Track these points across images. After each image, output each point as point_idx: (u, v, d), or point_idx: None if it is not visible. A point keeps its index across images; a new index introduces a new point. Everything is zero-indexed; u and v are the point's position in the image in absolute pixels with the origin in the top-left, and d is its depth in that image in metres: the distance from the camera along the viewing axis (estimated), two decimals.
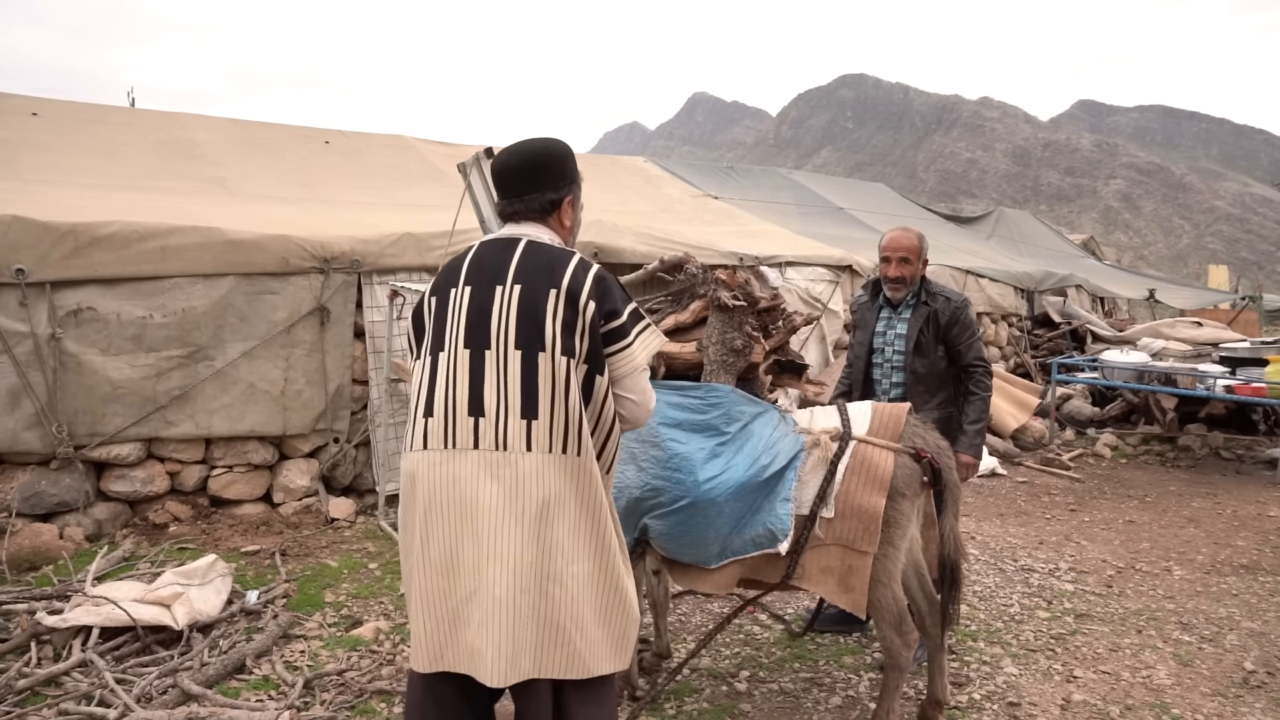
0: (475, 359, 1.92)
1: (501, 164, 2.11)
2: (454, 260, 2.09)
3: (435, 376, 1.95)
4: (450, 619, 1.88)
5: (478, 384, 1.90)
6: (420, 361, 2.03)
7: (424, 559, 1.90)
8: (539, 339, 1.91)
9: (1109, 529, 5.57)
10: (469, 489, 1.87)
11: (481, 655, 1.84)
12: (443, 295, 2.02)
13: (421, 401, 1.96)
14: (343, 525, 5.04)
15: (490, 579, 1.84)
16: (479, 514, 1.86)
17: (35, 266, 4.40)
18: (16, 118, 6.89)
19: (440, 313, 2.01)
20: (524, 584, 1.85)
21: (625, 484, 2.78)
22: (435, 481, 1.89)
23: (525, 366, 1.90)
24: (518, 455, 1.88)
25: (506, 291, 1.94)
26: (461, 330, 1.94)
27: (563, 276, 1.94)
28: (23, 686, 3.01)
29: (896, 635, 2.71)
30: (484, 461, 1.87)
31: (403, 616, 3.84)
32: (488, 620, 1.84)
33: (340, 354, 5.26)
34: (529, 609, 1.86)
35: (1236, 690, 3.35)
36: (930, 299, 3.61)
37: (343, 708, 3.03)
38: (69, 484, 4.55)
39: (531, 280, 1.94)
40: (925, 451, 2.75)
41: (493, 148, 4.26)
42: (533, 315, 1.91)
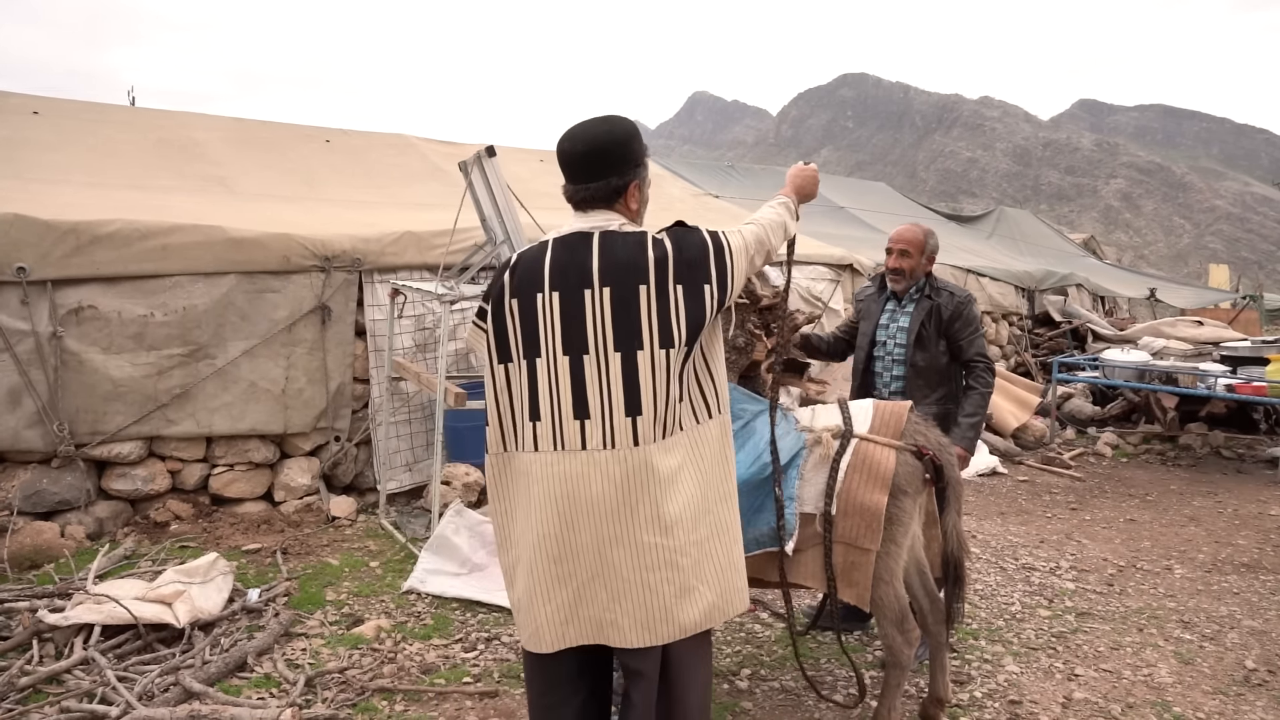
0: (575, 364, 1.98)
1: (567, 150, 2.09)
2: (529, 262, 2.06)
3: (536, 381, 2.02)
4: (571, 601, 2.02)
5: (580, 388, 1.98)
6: (512, 364, 2.06)
7: (540, 550, 2.02)
8: (636, 338, 1.97)
9: (1110, 527, 5.57)
10: (580, 485, 1.98)
11: (617, 626, 2.01)
12: (527, 299, 2.03)
13: (524, 405, 2.04)
14: (344, 524, 5.04)
15: (614, 562, 1.99)
16: (593, 507, 1.98)
17: (36, 265, 4.40)
18: (17, 116, 6.88)
19: (528, 317, 2.03)
20: (649, 562, 1.99)
21: None
22: (549, 480, 2.00)
23: (625, 367, 1.97)
24: (625, 451, 1.97)
25: (596, 295, 1.98)
26: (557, 337, 1.99)
27: (647, 269, 1.97)
28: (25, 684, 3.01)
29: (898, 633, 2.71)
30: (592, 460, 1.98)
31: (404, 615, 3.84)
32: (620, 597, 2.00)
33: (341, 352, 5.26)
34: (659, 582, 2.00)
35: (1238, 688, 3.35)
36: (934, 293, 3.62)
37: (344, 705, 3.03)
38: (70, 482, 4.55)
39: (619, 280, 1.97)
40: (927, 449, 2.75)
41: (493, 146, 4.27)
42: (626, 316, 1.97)
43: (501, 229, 4.35)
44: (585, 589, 2.02)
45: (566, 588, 2.02)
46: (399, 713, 3.03)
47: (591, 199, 2.07)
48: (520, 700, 3.13)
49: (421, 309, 5.54)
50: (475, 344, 2.17)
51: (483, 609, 3.92)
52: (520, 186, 4.84)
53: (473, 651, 3.52)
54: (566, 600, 2.02)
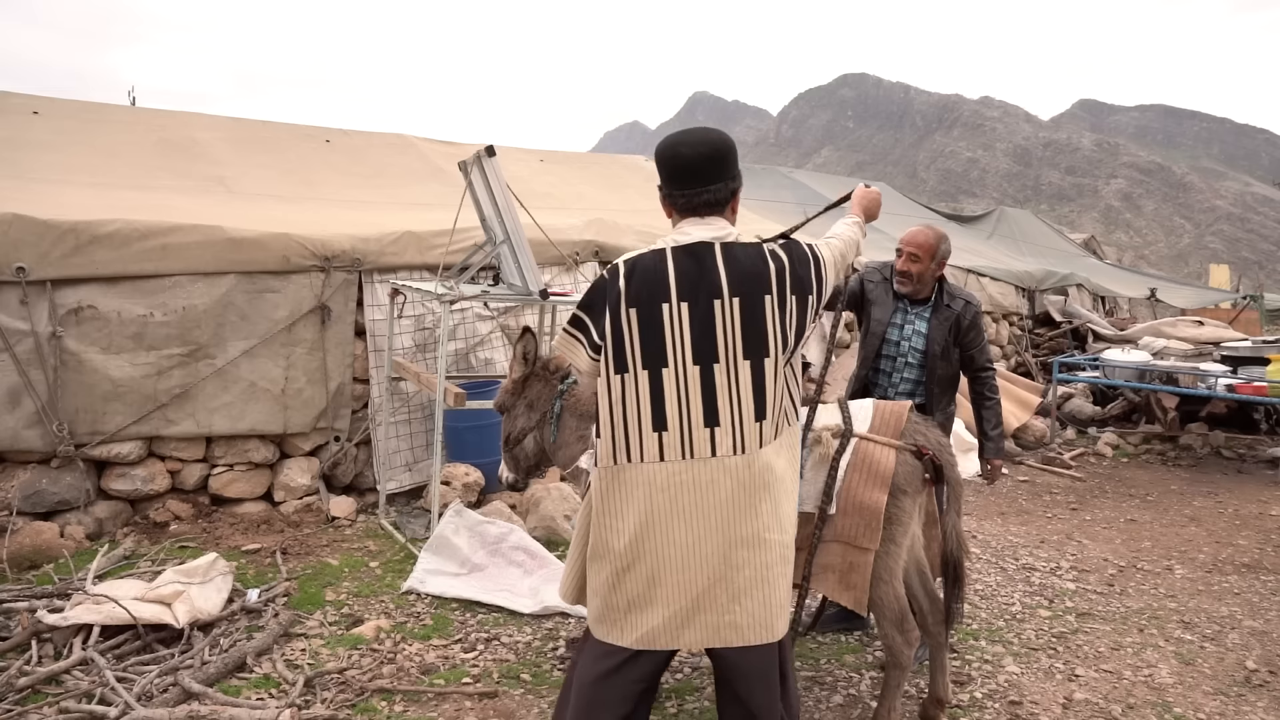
0: (705, 374, 2.03)
1: (687, 155, 2.09)
2: (648, 271, 2.05)
3: (662, 391, 2.03)
4: (690, 608, 2.06)
5: (710, 397, 2.03)
6: (628, 375, 2.05)
7: (662, 559, 2.05)
8: (763, 346, 2.05)
9: (1110, 528, 5.57)
10: (710, 492, 2.03)
11: (736, 626, 2.07)
12: (649, 310, 2.03)
13: (647, 416, 2.04)
14: (343, 524, 5.04)
15: (738, 563, 2.05)
16: (722, 511, 2.03)
17: (36, 265, 4.39)
18: (18, 116, 6.87)
19: (652, 327, 2.03)
20: (770, 559, 2.08)
21: None
22: (676, 489, 2.03)
23: (754, 374, 2.04)
24: (753, 455, 2.05)
25: (726, 305, 2.03)
26: (687, 347, 2.02)
27: (770, 281, 2.06)
28: (23, 685, 3.01)
29: (898, 633, 2.71)
30: (723, 467, 2.03)
31: (403, 615, 3.84)
32: (740, 596, 2.06)
33: (341, 352, 5.25)
34: (777, 578, 2.10)
35: (1238, 689, 3.35)
36: (951, 301, 3.60)
37: (344, 706, 3.03)
38: (69, 482, 4.55)
39: (747, 290, 2.04)
40: (927, 449, 2.74)
41: (493, 146, 4.26)
42: (755, 325, 2.04)
43: (501, 229, 4.35)
44: (706, 595, 2.06)
45: (687, 595, 2.06)
46: (398, 713, 3.02)
47: (712, 202, 2.10)
48: (520, 701, 3.13)
49: (421, 309, 5.53)
50: (568, 351, 2.15)
51: (482, 609, 3.92)
52: (520, 186, 4.84)
53: (472, 652, 3.52)
54: (685, 607, 2.06)
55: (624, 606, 2.12)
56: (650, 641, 2.10)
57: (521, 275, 4.36)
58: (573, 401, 3.22)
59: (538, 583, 4.13)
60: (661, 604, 2.07)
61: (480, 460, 5.35)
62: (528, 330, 3.23)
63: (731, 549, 2.05)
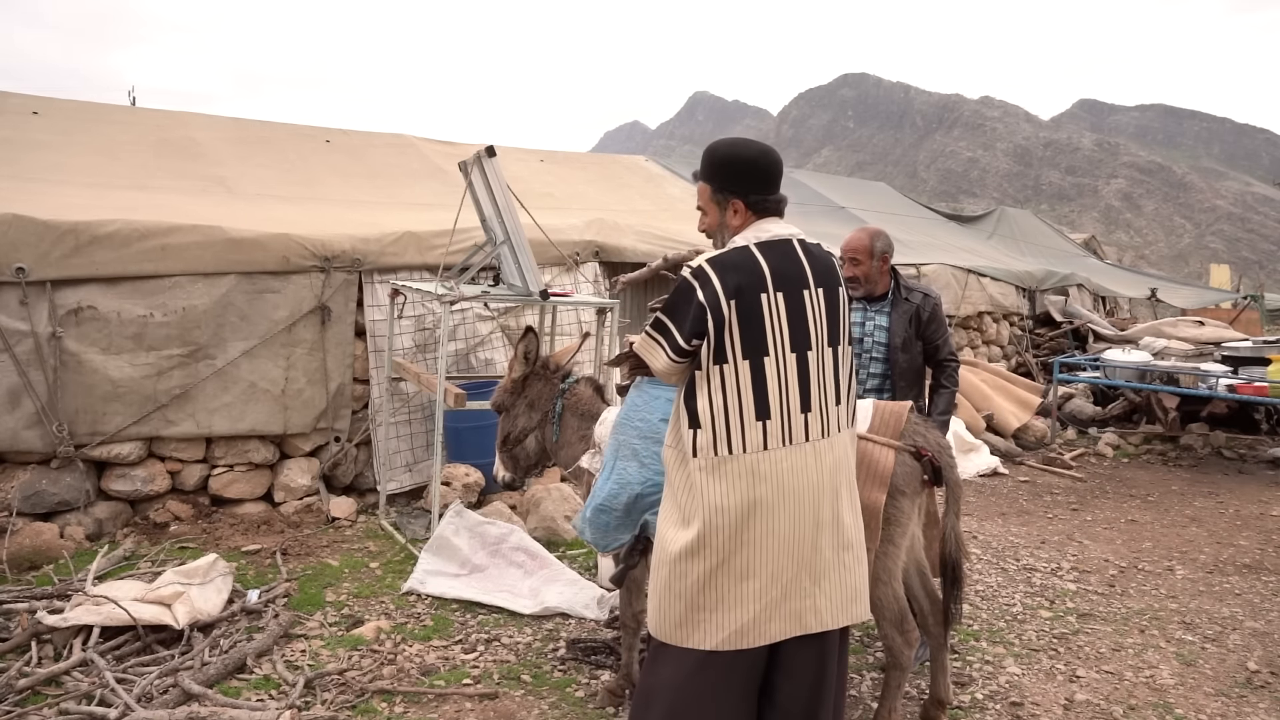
0: (801, 361, 2.13)
1: (772, 160, 2.25)
2: (740, 265, 2.11)
3: (764, 380, 2.10)
4: (780, 597, 2.11)
5: (805, 383, 2.13)
6: (728, 366, 2.10)
7: (761, 549, 2.09)
8: (838, 333, 2.21)
9: (1111, 528, 5.56)
10: (804, 477, 2.12)
11: (817, 611, 2.14)
12: (749, 300, 2.09)
13: (750, 405, 2.10)
14: (344, 524, 5.03)
15: (821, 546, 2.14)
16: (814, 495, 2.13)
17: (36, 265, 4.39)
18: (17, 116, 6.87)
19: (752, 318, 2.09)
20: (845, 541, 2.19)
21: (628, 480, 2.78)
22: (780, 476, 2.10)
23: (834, 360, 2.19)
24: (835, 439, 2.18)
25: (813, 295, 2.17)
26: (786, 335, 2.12)
27: (838, 275, 2.25)
28: (23, 686, 3.00)
29: (898, 634, 2.71)
30: (815, 451, 2.13)
31: (403, 616, 3.83)
32: (820, 579, 2.14)
33: (341, 353, 5.24)
34: (853, 562, 2.21)
35: (1240, 690, 3.34)
36: (910, 294, 3.71)
37: (344, 707, 3.03)
38: (69, 483, 4.55)
39: (827, 282, 2.20)
40: (926, 450, 2.74)
41: (493, 146, 4.26)
42: (834, 314, 2.20)
43: (501, 229, 4.34)
44: (794, 582, 2.12)
45: (778, 585, 2.11)
46: (398, 714, 3.02)
47: (782, 204, 2.26)
48: (520, 702, 3.12)
49: (421, 309, 5.53)
50: (647, 353, 2.19)
51: (482, 610, 3.92)
52: (520, 186, 4.83)
53: (473, 653, 3.51)
54: (775, 597, 2.11)
55: (711, 605, 2.11)
56: (738, 640, 2.10)
57: (522, 276, 4.35)
58: (574, 401, 3.22)
59: (538, 583, 4.12)
60: (752, 599, 2.10)
61: (480, 461, 5.35)
62: (530, 330, 3.23)
63: (817, 532, 2.13)
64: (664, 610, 2.18)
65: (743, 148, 2.28)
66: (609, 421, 3.06)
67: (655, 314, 2.19)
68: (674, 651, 2.16)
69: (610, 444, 2.94)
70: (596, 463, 3.06)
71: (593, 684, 3.26)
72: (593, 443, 3.13)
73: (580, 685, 3.26)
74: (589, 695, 3.18)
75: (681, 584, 2.14)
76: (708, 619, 2.11)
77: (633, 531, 2.86)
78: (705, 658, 2.12)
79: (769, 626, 2.11)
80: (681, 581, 2.14)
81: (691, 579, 2.13)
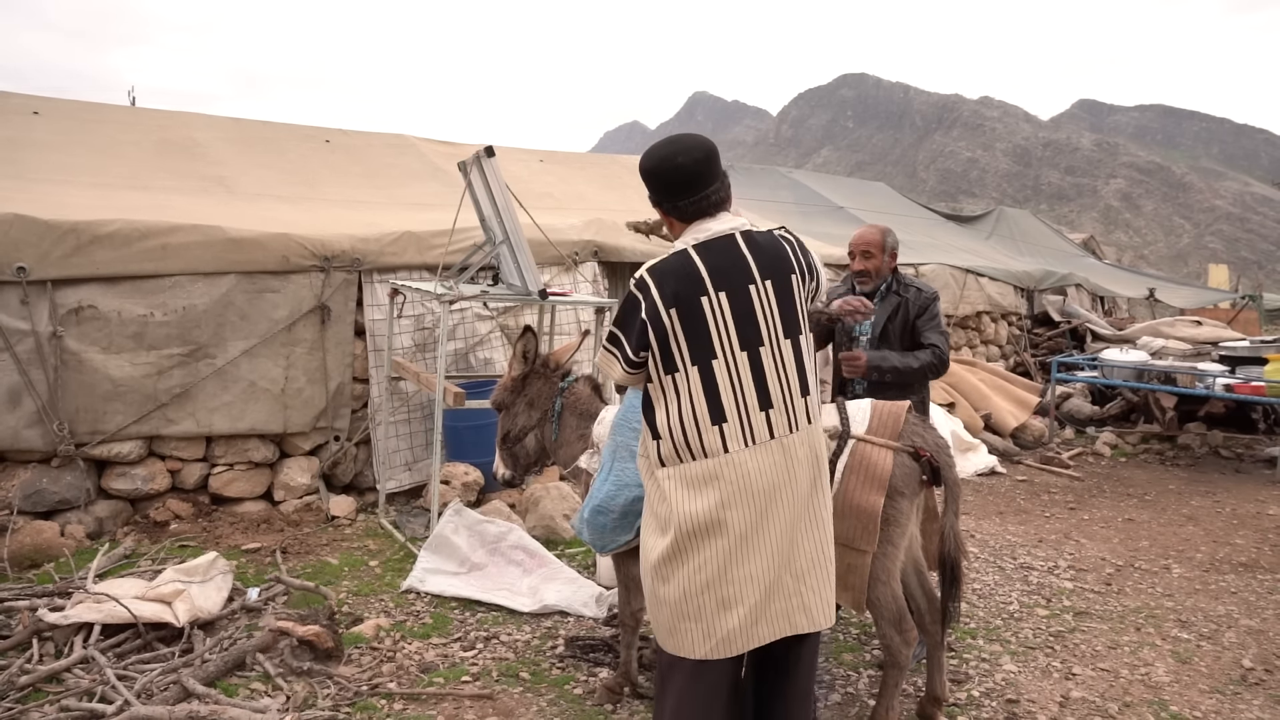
0: (753, 358, 2.08)
1: (685, 163, 2.13)
2: (677, 271, 2.08)
3: (715, 383, 2.06)
4: (763, 599, 2.08)
5: (760, 380, 2.08)
6: (679, 374, 2.08)
7: (734, 556, 2.06)
8: (796, 323, 2.14)
9: (1108, 527, 5.58)
10: (773, 475, 2.07)
11: (806, 609, 2.12)
12: (689, 305, 2.05)
13: (704, 410, 2.07)
14: (343, 523, 5.05)
15: (800, 543, 2.11)
16: (787, 493, 2.09)
17: (37, 264, 4.40)
18: (18, 116, 6.88)
19: (695, 323, 2.06)
20: (824, 537, 2.18)
21: (626, 482, 2.79)
22: (743, 478, 2.06)
23: (794, 352, 2.13)
24: (806, 431, 2.13)
25: (761, 289, 2.09)
26: (733, 335, 2.07)
27: (792, 260, 2.16)
28: (25, 683, 3.02)
29: (896, 633, 2.72)
30: (782, 447, 2.08)
31: (403, 614, 3.85)
32: (803, 577, 2.11)
33: (341, 352, 5.26)
34: (830, 557, 2.19)
35: (1235, 688, 3.36)
36: (902, 289, 3.74)
37: (343, 705, 3.04)
38: (70, 482, 4.56)
39: (776, 272, 2.12)
40: (924, 450, 2.75)
41: (492, 146, 4.27)
42: (789, 304, 2.13)
43: (501, 229, 4.36)
44: (776, 583, 2.08)
45: (759, 586, 2.07)
46: (398, 711, 3.03)
47: (720, 201, 2.17)
48: (519, 699, 3.14)
49: (421, 309, 5.54)
50: (607, 367, 2.19)
51: (481, 608, 3.93)
52: (519, 186, 4.85)
53: (472, 650, 3.53)
54: (758, 600, 2.07)
55: (694, 613, 2.09)
56: (725, 648, 2.07)
57: (521, 275, 4.37)
58: (572, 400, 3.24)
59: (537, 582, 4.14)
60: (734, 604, 2.07)
61: (479, 460, 5.36)
62: (529, 329, 3.24)
63: (794, 529, 2.09)
64: (655, 618, 2.19)
65: (649, 158, 2.19)
66: (607, 421, 3.08)
67: (609, 327, 2.18)
68: (670, 659, 2.16)
69: (608, 445, 2.96)
70: (595, 462, 3.07)
71: (591, 681, 3.28)
72: (591, 442, 3.14)
73: (579, 683, 3.28)
74: (587, 693, 3.20)
75: (664, 592, 2.14)
76: (693, 627, 2.09)
77: (630, 533, 2.87)
78: (696, 666, 2.11)
79: (756, 630, 2.08)
80: (664, 590, 2.14)
81: (672, 587, 2.12)
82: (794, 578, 2.10)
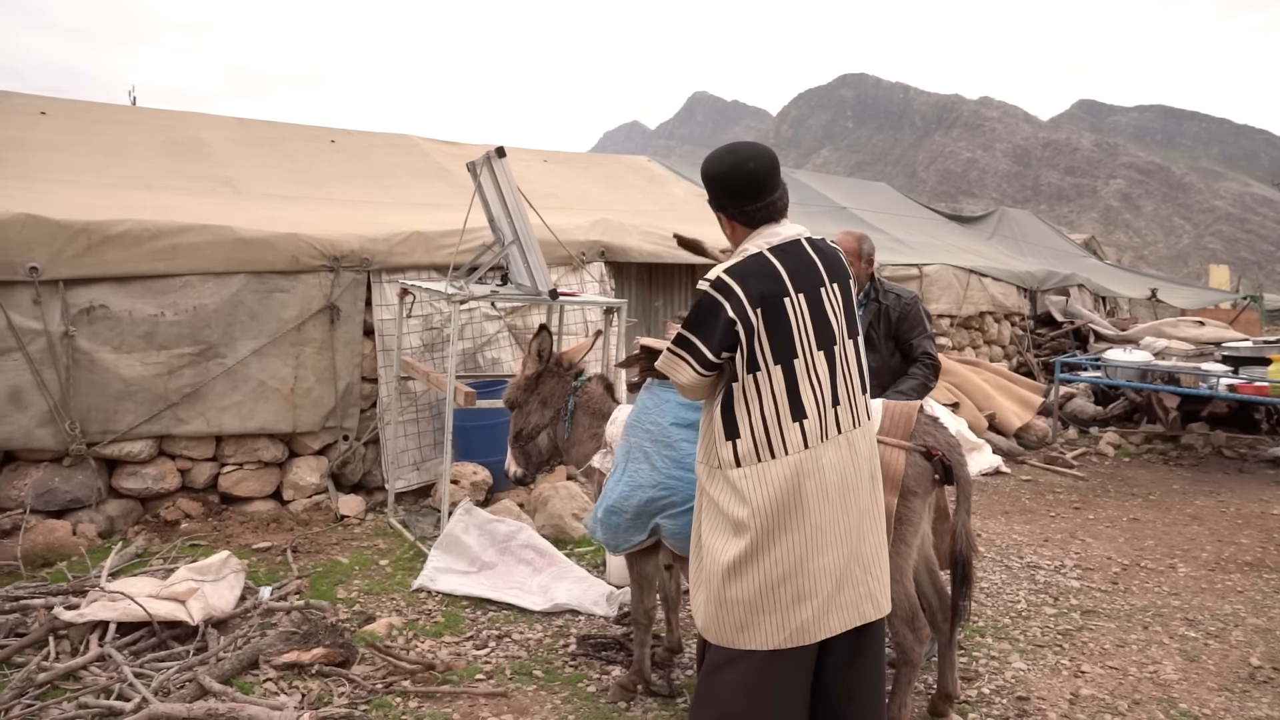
0: (828, 357, 2.19)
1: (757, 169, 2.21)
2: (759, 273, 2.13)
3: (796, 381, 2.15)
4: (833, 590, 2.16)
5: (832, 378, 2.19)
6: (760, 373, 2.13)
7: (811, 548, 2.14)
8: (854, 326, 2.28)
9: (1113, 526, 5.60)
10: (843, 470, 2.18)
11: (873, 598, 2.22)
12: (774, 306, 2.13)
13: (786, 407, 2.15)
14: (352, 522, 5.07)
15: (865, 533, 2.21)
16: (856, 484, 2.19)
17: (48, 264, 4.42)
18: (25, 117, 6.90)
19: (778, 323, 2.13)
20: (882, 528, 2.30)
21: (640, 483, 2.81)
22: (822, 472, 2.15)
23: (855, 351, 2.26)
24: (865, 426, 2.26)
25: (829, 291, 2.22)
26: (811, 334, 2.17)
27: (847, 269, 2.30)
28: (43, 680, 3.04)
29: (909, 631, 2.74)
30: (849, 441, 2.20)
31: (414, 613, 3.87)
32: (870, 566, 2.22)
33: (350, 352, 5.28)
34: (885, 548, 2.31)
35: (1243, 685, 3.38)
36: (881, 296, 3.76)
37: (359, 702, 3.06)
38: (81, 481, 4.58)
39: (839, 277, 2.26)
40: (936, 450, 2.78)
41: (503, 147, 4.29)
42: (849, 307, 2.27)
43: (511, 229, 4.37)
44: (845, 573, 2.17)
45: (831, 577, 2.16)
46: (413, 709, 3.05)
47: (784, 207, 2.27)
48: (533, 697, 3.16)
49: (429, 309, 5.56)
50: (671, 369, 2.22)
51: (493, 607, 3.95)
52: (525, 187, 4.85)
53: (484, 649, 3.55)
54: (830, 591, 2.15)
55: (770, 607, 2.15)
56: (799, 637, 2.15)
57: (531, 275, 4.39)
58: (585, 399, 3.26)
59: (547, 580, 4.16)
60: (809, 595, 2.14)
61: (488, 459, 5.38)
62: (544, 328, 3.27)
63: (860, 521, 2.20)
64: (722, 618, 2.20)
65: (713, 164, 2.26)
66: (620, 420, 3.10)
67: (678, 330, 2.20)
68: (735, 654, 2.19)
69: (621, 445, 2.98)
70: (608, 462, 3.09)
71: (604, 679, 3.30)
72: (604, 441, 3.16)
73: (592, 680, 3.30)
74: (601, 690, 3.22)
75: (738, 591, 2.16)
76: (767, 620, 2.14)
77: (643, 534, 2.89)
78: (768, 657, 2.16)
79: (828, 620, 2.16)
80: (738, 588, 2.16)
81: (745, 585, 2.15)
82: (861, 569, 2.20)
